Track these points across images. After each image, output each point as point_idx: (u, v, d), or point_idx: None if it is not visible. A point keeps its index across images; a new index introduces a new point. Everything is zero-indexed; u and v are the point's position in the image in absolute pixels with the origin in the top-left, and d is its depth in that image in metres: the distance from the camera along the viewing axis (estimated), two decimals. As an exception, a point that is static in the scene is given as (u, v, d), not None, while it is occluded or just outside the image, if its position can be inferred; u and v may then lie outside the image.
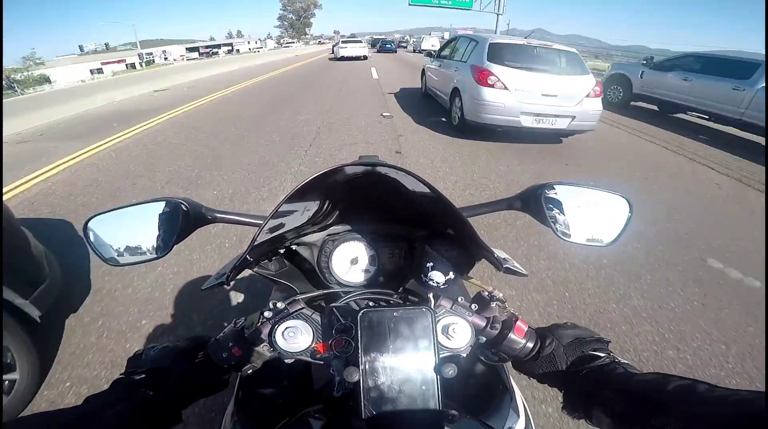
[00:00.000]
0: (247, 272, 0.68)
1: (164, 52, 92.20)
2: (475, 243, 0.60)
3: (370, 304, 0.61)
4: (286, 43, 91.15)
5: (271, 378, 0.70)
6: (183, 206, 0.62)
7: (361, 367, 0.47)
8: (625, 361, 0.51)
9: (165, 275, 2.50)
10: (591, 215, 0.68)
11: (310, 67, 19.71)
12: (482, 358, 0.59)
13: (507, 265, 0.62)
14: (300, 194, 0.55)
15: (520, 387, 0.75)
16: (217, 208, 0.68)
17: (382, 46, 38.45)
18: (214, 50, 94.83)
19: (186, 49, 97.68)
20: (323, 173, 0.53)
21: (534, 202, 0.68)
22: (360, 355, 0.48)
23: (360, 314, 0.50)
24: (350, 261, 0.79)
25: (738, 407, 0.35)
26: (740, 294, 2.54)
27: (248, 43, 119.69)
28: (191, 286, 2.41)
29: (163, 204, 0.63)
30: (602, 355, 0.52)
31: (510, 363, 0.59)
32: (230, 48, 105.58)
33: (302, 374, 0.71)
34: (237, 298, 2.26)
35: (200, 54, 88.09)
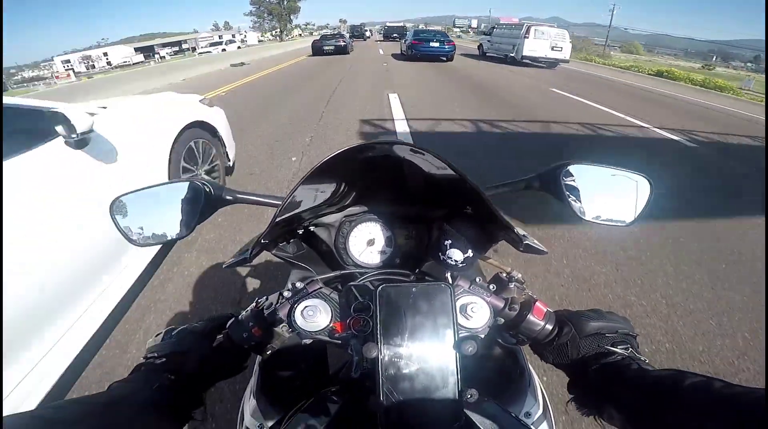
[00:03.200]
0: (266, 256, 0.73)
1: (105, 54, 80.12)
2: (495, 220, 0.62)
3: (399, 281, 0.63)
4: (228, 41, 68.70)
5: (289, 360, 0.73)
6: (205, 188, 0.65)
7: (380, 343, 0.48)
8: (642, 357, 0.52)
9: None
10: (610, 194, 0.70)
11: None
12: (500, 340, 0.61)
13: (527, 242, 0.64)
14: (318, 174, 0.56)
15: (537, 372, 0.76)
16: (239, 190, 0.72)
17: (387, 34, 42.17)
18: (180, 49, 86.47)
19: (135, 49, 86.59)
20: (340, 152, 0.54)
21: (553, 182, 0.69)
22: (378, 331, 0.49)
23: (379, 289, 0.51)
24: (367, 242, 0.82)
25: (754, 406, 0.36)
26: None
27: (221, 38, 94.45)
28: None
29: (185, 185, 0.66)
30: (619, 350, 0.52)
31: (528, 346, 0.60)
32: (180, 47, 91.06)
33: (319, 357, 0.75)
34: (255, 282, 2.32)
35: (145, 58, 75.99)
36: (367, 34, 53.88)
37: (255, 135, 5.47)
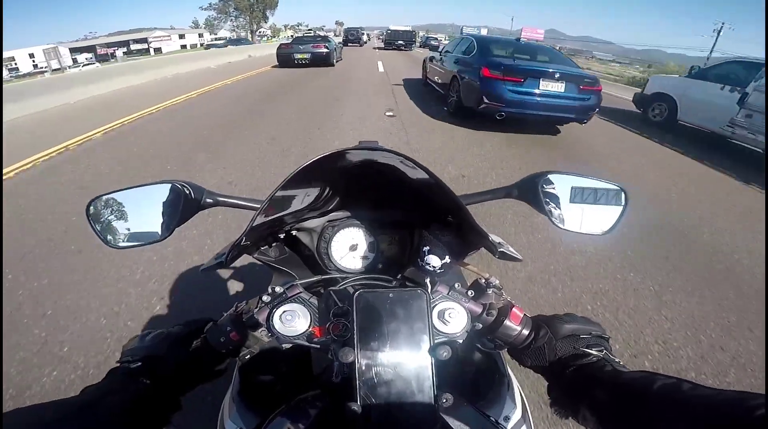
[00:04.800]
0: (249, 259, 0.75)
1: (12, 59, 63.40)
2: (472, 228, 0.64)
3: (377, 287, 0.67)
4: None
5: (271, 364, 0.74)
6: (185, 190, 0.66)
7: (357, 348, 0.50)
8: (616, 359, 0.54)
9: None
10: (587, 204, 0.72)
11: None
12: (479, 345, 0.63)
13: (502, 250, 0.67)
14: (299, 179, 0.57)
15: (517, 376, 0.78)
16: (221, 192, 0.71)
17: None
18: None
19: (71, 50, 68.53)
20: (322, 158, 0.55)
21: (532, 191, 0.71)
22: (355, 336, 0.50)
23: (356, 295, 0.53)
24: (349, 247, 0.84)
25: (720, 409, 0.37)
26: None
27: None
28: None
29: (165, 187, 0.66)
30: (594, 352, 0.55)
31: (506, 351, 0.63)
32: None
33: (302, 361, 0.76)
34: (237, 286, 2.29)
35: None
36: (364, 38, 47.30)
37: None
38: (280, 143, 5.33)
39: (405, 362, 0.50)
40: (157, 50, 75.52)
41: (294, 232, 0.84)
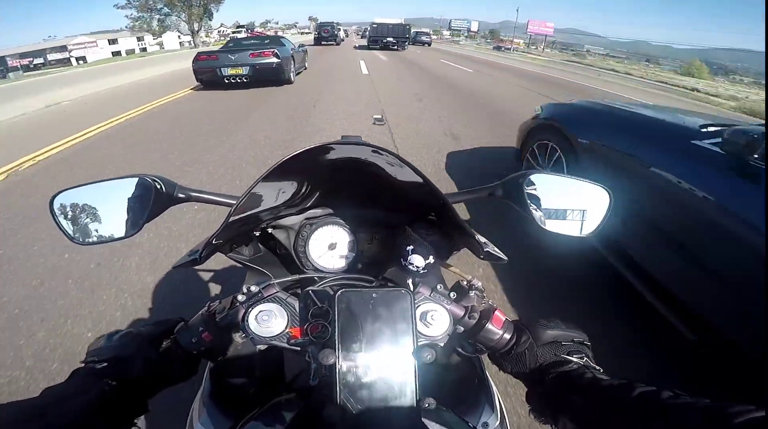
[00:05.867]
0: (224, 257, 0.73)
1: None
2: (458, 227, 0.65)
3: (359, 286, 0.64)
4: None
5: (243, 367, 0.73)
6: (156, 184, 0.64)
7: (338, 349, 0.49)
8: (597, 367, 0.54)
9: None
10: (570, 205, 0.72)
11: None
12: (459, 349, 0.62)
13: (487, 250, 0.67)
14: (278, 174, 0.57)
15: (496, 381, 0.77)
16: (193, 187, 0.69)
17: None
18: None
19: None
20: (302, 152, 0.54)
21: (515, 190, 0.71)
22: (336, 336, 0.50)
23: (338, 294, 0.52)
24: (328, 246, 0.82)
25: (699, 418, 0.38)
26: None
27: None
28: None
29: (135, 181, 0.64)
30: (575, 359, 0.55)
31: (487, 355, 0.63)
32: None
33: (274, 364, 0.75)
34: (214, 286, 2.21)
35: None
36: (341, 35, 39.41)
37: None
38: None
39: (387, 365, 0.50)
40: (81, 60, 63.71)
41: (270, 230, 0.82)
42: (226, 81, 9.27)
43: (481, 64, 20.84)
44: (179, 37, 47.22)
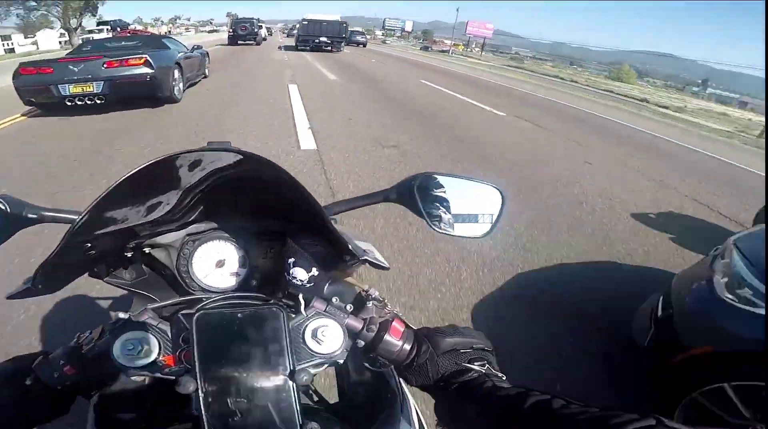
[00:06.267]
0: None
1: None
2: (332, 235, 0.61)
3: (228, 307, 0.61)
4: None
5: (131, 399, 0.69)
6: (0, 205, 0.59)
7: (199, 377, 0.47)
8: (498, 374, 0.54)
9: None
10: (465, 206, 0.72)
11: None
12: (367, 364, 0.61)
13: (366, 257, 0.64)
14: (138, 187, 0.50)
15: (415, 394, 0.73)
16: (45, 206, 0.63)
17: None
18: None
19: None
20: (153, 163, 0.48)
21: (408, 193, 0.70)
22: (196, 363, 0.48)
23: (195, 316, 0.50)
24: (216, 263, 0.75)
25: (586, 425, 0.39)
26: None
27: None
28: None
29: None
30: (476, 367, 0.54)
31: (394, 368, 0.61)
32: None
33: (169, 394, 0.64)
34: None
35: None
36: (262, 33, 33.06)
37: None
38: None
39: (262, 390, 0.48)
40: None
41: (147, 250, 0.73)
42: (69, 102, 6.15)
43: (427, 70, 18.96)
44: (65, 35, 34.00)
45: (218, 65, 12.91)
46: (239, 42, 28.23)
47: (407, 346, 0.56)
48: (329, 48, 25.53)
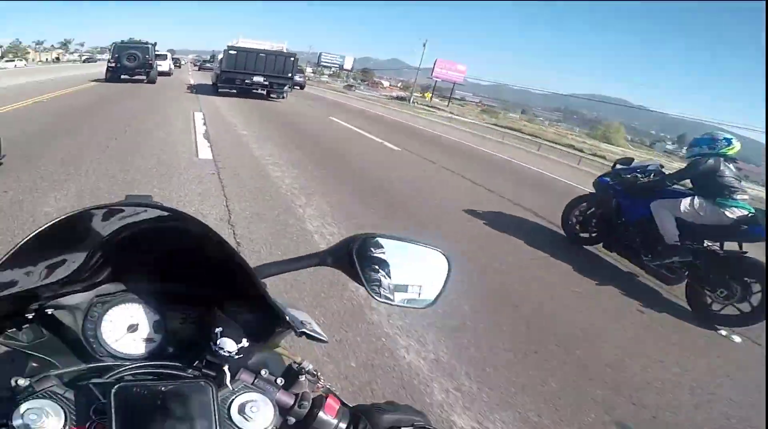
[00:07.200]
0: None
1: None
2: (267, 304, 0.59)
3: (148, 378, 0.56)
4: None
5: None
6: None
7: None
8: None
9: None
10: (408, 272, 0.69)
11: None
12: None
13: (303, 330, 0.61)
14: (43, 246, 0.48)
15: None
16: None
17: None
18: None
19: None
20: (64, 219, 0.46)
21: (346, 257, 0.67)
22: None
23: (114, 389, 0.46)
24: (127, 328, 0.69)
25: None
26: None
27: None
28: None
29: None
30: None
31: None
32: None
33: None
34: None
35: None
36: (167, 66, 28.39)
37: None
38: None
39: None
40: None
41: (50, 311, 0.68)
42: None
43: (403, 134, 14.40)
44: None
45: (28, 145, 6.24)
46: (123, 77, 19.99)
47: (342, 425, 0.54)
48: (265, 92, 18.52)
